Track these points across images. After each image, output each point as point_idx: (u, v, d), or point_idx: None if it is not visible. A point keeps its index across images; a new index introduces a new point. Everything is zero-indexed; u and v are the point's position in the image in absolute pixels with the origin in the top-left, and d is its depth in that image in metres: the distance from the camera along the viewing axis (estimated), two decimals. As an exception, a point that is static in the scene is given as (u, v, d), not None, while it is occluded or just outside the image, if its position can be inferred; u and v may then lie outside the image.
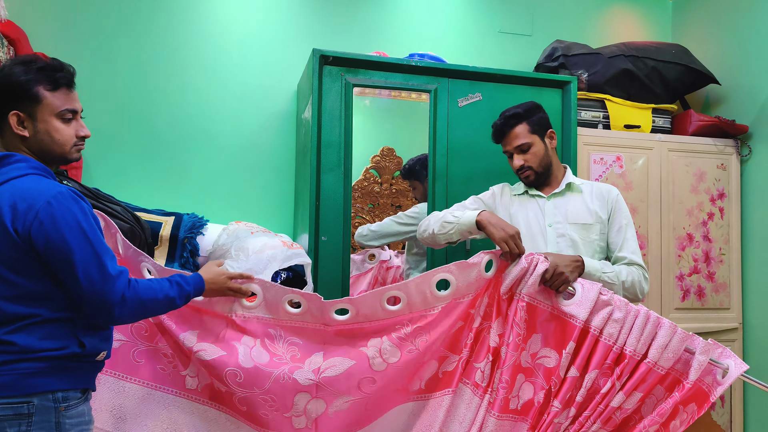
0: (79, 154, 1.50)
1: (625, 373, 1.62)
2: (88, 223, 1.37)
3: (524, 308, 1.74)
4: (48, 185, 1.36)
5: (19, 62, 1.42)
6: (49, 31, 2.71)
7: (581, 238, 2.06)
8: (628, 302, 1.69)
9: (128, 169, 2.79)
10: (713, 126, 3.16)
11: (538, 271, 1.75)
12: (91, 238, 1.35)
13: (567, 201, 2.13)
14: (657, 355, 1.61)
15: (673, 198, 3.12)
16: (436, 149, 2.66)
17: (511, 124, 2.12)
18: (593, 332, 1.67)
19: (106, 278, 1.35)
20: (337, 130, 2.53)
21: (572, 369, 1.68)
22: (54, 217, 1.32)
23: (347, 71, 2.56)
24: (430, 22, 3.30)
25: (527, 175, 2.14)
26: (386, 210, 3.08)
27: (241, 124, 2.96)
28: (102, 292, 1.34)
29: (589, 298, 1.69)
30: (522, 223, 2.14)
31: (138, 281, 1.42)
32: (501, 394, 1.71)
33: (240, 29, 3.00)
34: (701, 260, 3.14)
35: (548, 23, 3.46)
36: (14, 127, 1.40)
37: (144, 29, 2.87)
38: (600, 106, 3.11)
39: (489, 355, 1.78)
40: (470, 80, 2.71)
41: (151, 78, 2.87)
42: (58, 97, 1.43)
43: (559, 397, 1.67)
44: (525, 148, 2.11)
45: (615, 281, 1.93)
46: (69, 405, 1.37)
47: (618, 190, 2.17)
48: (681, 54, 3.22)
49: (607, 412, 1.63)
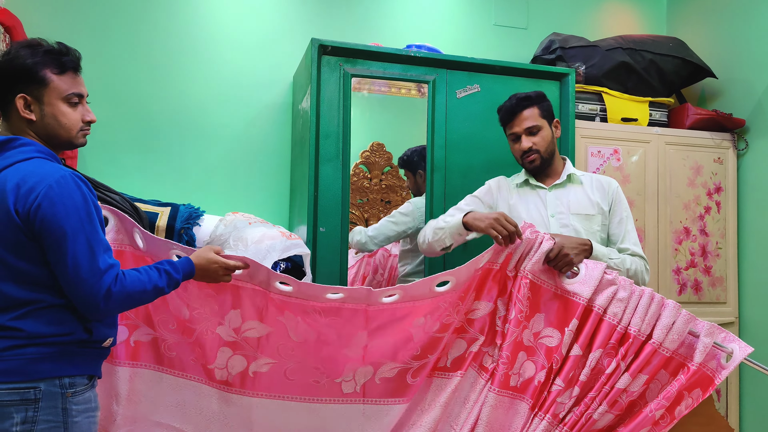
0: (85, 139, 1.48)
1: (630, 353, 1.62)
2: (87, 210, 1.34)
3: (527, 285, 1.75)
4: (52, 168, 1.35)
5: (26, 45, 1.41)
6: (44, 20, 2.68)
7: (584, 228, 2.06)
8: (633, 282, 1.69)
9: (123, 159, 2.77)
10: (710, 120, 3.17)
11: (542, 249, 1.76)
12: (87, 227, 1.33)
13: (568, 192, 2.13)
14: (662, 336, 1.61)
15: (670, 191, 3.12)
16: (434, 141, 2.65)
17: (523, 105, 2.11)
18: (597, 311, 1.67)
19: (94, 270, 1.32)
20: (336, 120, 2.51)
21: (575, 347, 1.68)
22: (53, 200, 1.30)
23: (346, 61, 2.54)
24: (426, 15, 3.29)
25: (533, 159, 2.12)
26: (376, 205, 3.06)
27: (236, 115, 2.94)
28: (88, 284, 1.31)
29: (593, 276, 1.69)
30: (523, 214, 2.13)
31: (126, 274, 1.39)
32: (501, 369, 1.73)
33: (235, 21, 2.98)
34: (698, 254, 3.15)
35: (544, 16, 3.46)
36: (21, 111, 1.38)
37: (139, 19, 2.84)
38: (597, 99, 3.11)
39: (497, 340, 1.80)
40: (469, 72, 2.70)
41: (147, 68, 2.84)
42: (65, 80, 1.41)
43: (561, 376, 1.67)
44: (535, 131, 2.10)
45: (620, 267, 1.94)
46: (76, 391, 1.36)
47: (617, 183, 2.18)
48: (678, 47, 3.23)
49: (613, 394, 1.62)
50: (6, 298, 1.32)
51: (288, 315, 1.76)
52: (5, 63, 1.39)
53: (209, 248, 1.62)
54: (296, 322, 1.76)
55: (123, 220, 1.70)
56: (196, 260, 1.58)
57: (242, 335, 1.73)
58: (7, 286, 1.32)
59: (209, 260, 1.59)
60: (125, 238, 1.70)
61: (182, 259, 1.56)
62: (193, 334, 1.73)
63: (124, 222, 1.70)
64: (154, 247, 1.70)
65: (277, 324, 1.75)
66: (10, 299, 1.32)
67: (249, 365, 1.74)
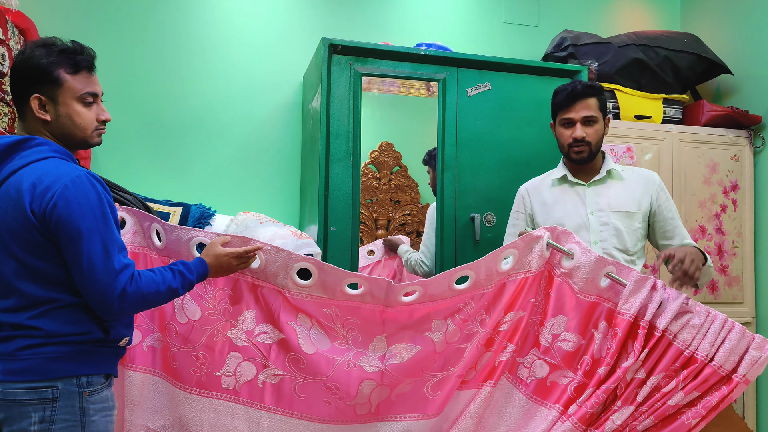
0: (100, 139, 1.47)
1: (691, 375, 1.60)
2: (102, 210, 1.34)
3: (643, 334, 1.64)
4: (68, 168, 1.34)
5: (40, 45, 1.40)
6: (58, 22, 2.71)
7: (625, 226, 2.00)
8: (709, 309, 1.65)
9: (135, 159, 2.79)
10: (726, 116, 3.12)
11: (672, 300, 1.65)
12: (102, 227, 1.33)
13: (608, 188, 2.06)
14: (723, 359, 1.59)
15: (685, 189, 3.08)
16: (445, 139, 2.64)
17: (588, 93, 2.01)
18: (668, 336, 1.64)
19: (108, 270, 1.31)
20: (346, 119, 2.51)
21: (640, 371, 1.64)
22: (69, 200, 1.30)
23: (356, 60, 2.54)
24: (436, 14, 3.28)
25: (581, 150, 2.02)
26: (384, 205, 3.05)
27: (247, 115, 2.95)
28: (102, 284, 1.31)
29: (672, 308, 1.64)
30: (561, 212, 2.06)
31: (141, 274, 1.38)
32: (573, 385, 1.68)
33: (246, 21, 2.99)
34: (714, 253, 3.10)
35: (555, 14, 3.44)
36: (36, 111, 1.38)
37: (151, 21, 2.87)
38: (610, 97, 3.07)
39: (536, 350, 1.76)
40: (479, 69, 2.69)
41: (158, 70, 2.86)
42: (79, 80, 1.41)
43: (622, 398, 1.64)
44: (591, 121, 2.02)
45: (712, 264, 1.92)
46: (93, 390, 1.36)
47: (659, 177, 2.11)
48: (693, 43, 3.19)
49: (664, 409, 1.62)
50: (24, 297, 1.32)
51: (302, 318, 1.68)
52: (20, 63, 1.39)
53: (215, 242, 1.60)
54: (310, 326, 1.68)
55: (140, 219, 1.68)
56: (207, 258, 1.57)
57: (254, 339, 1.67)
58: (25, 285, 1.32)
59: (217, 255, 1.57)
60: (143, 240, 1.68)
61: (195, 259, 1.55)
62: (202, 337, 1.66)
63: (141, 221, 1.68)
64: (174, 240, 1.65)
65: (290, 330, 1.67)
66: (29, 298, 1.32)
67: (258, 374, 1.67)
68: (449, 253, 2.58)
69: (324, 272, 1.67)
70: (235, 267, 1.61)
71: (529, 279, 1.77)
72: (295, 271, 1.67)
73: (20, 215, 1.31)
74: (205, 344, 1.66)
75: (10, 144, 1.35)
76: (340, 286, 1.68)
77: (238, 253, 1.60)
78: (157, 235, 1.68)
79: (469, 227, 2.62)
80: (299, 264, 1.67)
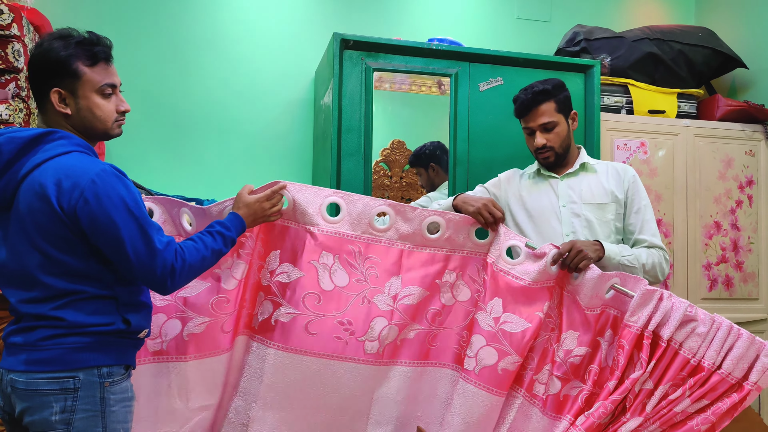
0: (120, 129, 1.48)
1: (698, 383, 1.59)
2: (132, 199, 1.35)
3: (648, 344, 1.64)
4: (91, 163, 1.34)
5: (57, 37, 1.39)
6: (71, 19, 2.73)
7: (597, 218, 2.00)
8: (714, 317, 1.63)
9: (148, 155, 2.81)
10: (741, 111, 3.09)
11: (675, 309, 1.65)
12: (137, 214, 1.34)
13: (581, 181, 2.06)
14: (731, 366, 1.58)
15: (700, 185, 3.05)
16: (457, 135, 2.63)
17: (539, 100, 2.01)
18: (673, 345, 1.63)
19: (154, 252, 1.34)
20: (357, 114, 2.51)
21: (648, 381, 1.63)
22: (98, 195, 1.30)
23: (367, 55, 2.54)
24: (447, 10, 3.27)
25: (547, 156, 2.05)
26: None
27: (259, 111, 2.96)
28: (151, 266, 1.34)
29: (676, 317, 1.63)
30: (535, 204, 2.07)
31: (184, 247, 1.41)
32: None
33: (257, 17, 3.00)
34: (729, 249, 3.07)
35: (567, 9, 3.42)
36: (56, 105, 1.38)
37: (164, 17, 2.89)
38: (623, 91, 3.05)
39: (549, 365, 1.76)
40: (491, 64, 2.68)
41: (171, 66, 2.88)
42: (97, 72, 1.40)
43: (631, 410, 1.63)
44: (550, 127, 2.02)
45: (635, 264, 1.88)
46: (113, 381, 1.36)
47: (634, 170, 2.09)
48: (708, 37, 3.15)
49: (670, 416, 1.62)
50: (48, 289, 1.32)
51: (325, 255, 1.71)
52: (38, 56, 1.38)
53: (241, 193, 1.64)
54: (332, 263, 1.71)
55: (168, 207, 1.71)
56: (239, 211, 1.60)
57: (275, 278, 1.71)
58: (49, 278, 1.32)
59: (248, 204, 1.61)
60: (173, 228, 1.71)
61: (229, 215, 1.58)
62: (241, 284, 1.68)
63: (169, 209, 1.71)
64: (204, 221, 1.69)
65: (310, 269, 1.70)
66: (52, 290, 1.32)
67: (273, 312, 1.70)
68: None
69: (353, 203, 1.73)
70: (268, 210, 1.65)
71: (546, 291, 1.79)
72: (325, 207, 1.73)
73: (48, 209, 1.30)
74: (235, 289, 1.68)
75: (33, 137, 1.35)
76: (369, 219, 1.74)
77: (267, 196, 1.64)
78: (188, 221, 1.72)
79: (481, 222, 2.61)
80: (329, 199, 1.73)
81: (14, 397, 1.32)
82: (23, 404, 1.30)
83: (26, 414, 1.30)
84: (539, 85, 2.04)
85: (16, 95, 2.14)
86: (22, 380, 1.30)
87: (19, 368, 1.31)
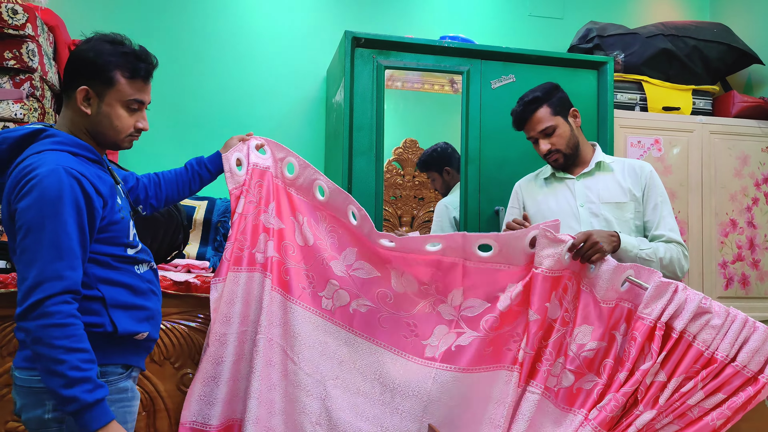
0: (131, 144, 1.44)
1: (711, 375, 1.58)
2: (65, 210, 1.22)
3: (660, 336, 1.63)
4: (50, 160, 1.26)
5: (108, 40, 1.38)
6: (86, 20, 2.75)
7: (615, 217, 1.98)
8: (728, 309, 1.61)
9: (161, 153, 2.82)
10: (757, 108, 3.05)
11: (690, 301, 1.63)
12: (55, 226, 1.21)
13: (598, 180, 2.05)
14: (746, 359, 1.56)
15: (715, 182, 3.01)
16: (469, 132, 2.62)
17: (531, 109, 2.03)
18: (686, 337, 1.62)
19: (37, 280, 1.19)
20: (369, 112, 2.51)
21: (661, 373, 1.62)
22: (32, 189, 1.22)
23: (379, 53, 2.54)
24: (460, 7, 3.26)
25: (556, 159, 2.05)
26: (409, 202, 3.04)
27: (271, 109, 2.97)
28: (27, 288, 1.19)
29: (690, 309, 1.62)
30: (552, 206, 2.07)
31: (73, 318, 1.20)
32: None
33: (269, 15, 3.01)
34: (745, 247, 3.03)
35: (580, 6, 3.39)
36: (79, 102, 1.35)
37: (177, 16, 2.90)
38: (637, 88, 3.03)
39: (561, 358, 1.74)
40: (503, 62, 2.66)
41: (184, 65, 2.90)
42: (132, 86, 1.38)
43: (644, 402, 1.62)
44: (550, 132, 2.02)
45: (653, 258, 1.87)
46: (108, 380, 1.31)
47: (651, 166, 2.07)
48: (723, 33, 3.12)
49: (682, 408, 1.60)
50: None
51: (395, 264, 1.83)
52: (81, 52, 1.36)
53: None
54: (401, 272, 1.82)
55: (274, 150, 1.85)
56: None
57: (351, 272, 1.82)
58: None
59: None
60: (276, 171, 1.84)
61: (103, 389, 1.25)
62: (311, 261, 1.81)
63: (275, 152, 1.85)
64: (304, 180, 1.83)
65: (384, 271, 1.82)
66: None
67: (351, 302, 1.81)
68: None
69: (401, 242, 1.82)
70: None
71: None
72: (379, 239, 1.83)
73: (6, 208, 1.28)
74: (313, 266, 1.82)
75: (23, 136, 1.33)
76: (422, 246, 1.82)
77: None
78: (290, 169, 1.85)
79: (493, 220, 2.60)
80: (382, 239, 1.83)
81: (15, 393, 1.31)
82: (21, 401, 1.29)
83: (23, 411, 1.29)
84: (529, 94, 2.06)
85: (30, 95, 2.16)
86: (20, 377, 1.29)
87: (19, 365, 1.30)
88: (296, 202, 1.84)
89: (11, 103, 2.12)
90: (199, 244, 2.37)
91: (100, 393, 1.21)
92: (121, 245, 1.38)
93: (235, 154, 1.81)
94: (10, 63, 2.10)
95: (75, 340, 1.20)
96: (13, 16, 2.09)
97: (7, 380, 1.68)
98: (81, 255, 1.26)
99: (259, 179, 1.81)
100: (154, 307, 1.45)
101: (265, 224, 1.79)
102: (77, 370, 1.18)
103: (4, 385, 1.68)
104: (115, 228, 1.37)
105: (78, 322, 1.21)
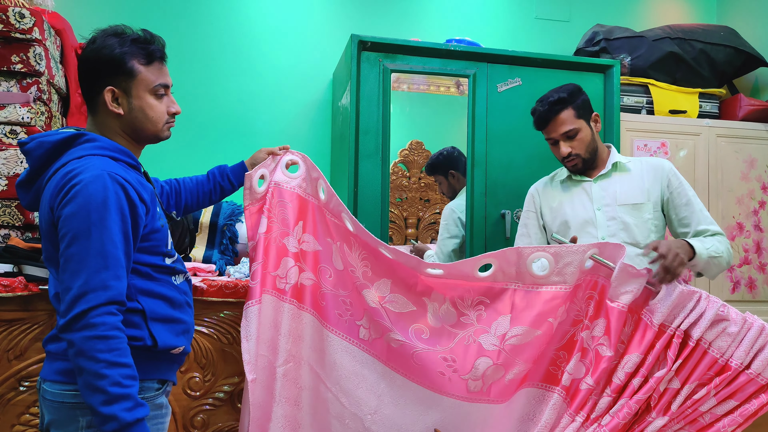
0: (170, 132, 1.40)
1: (723, 382, 1.57)
2: (110, 217, 1.17)
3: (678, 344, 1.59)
4: (93, 165, 1.20)
5: (111, 34, 1.34)
6: (92, 23, 2.75)
7: (633, 219, 1.95)
8: (746, 316, 1.59)
9: (167, 156, 2.82)
10: (764, 111, 3.04)
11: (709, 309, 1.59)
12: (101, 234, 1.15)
13: (614, 182, 2.02)
14: (761, 367, 1.55)
15: (722, 185, 3.00)
16: (475, 135, 2.61)
17: (556, 110, 1.96)
18: (703, 345, 1.59)
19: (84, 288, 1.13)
20: (375, 116, 2.51)
21: (675, 380, 1.60)
22: (76, 195, 1.16)
23: (385, 57, 2.54)
24: (466, 10, 3.26)
25: (575, 163, 2.01)
26: (414, 204, 3.04)
27: (277, 112, 2.98)
28: (71, 298, 1.14)
29: (708, 317, 1.60)
30: (568, 210, 2.04)
31: (117, 330, 1.15)
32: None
33: (276, 19, 3.02)
34: (752, 250, 3.02)
35: (586, 9, 3.39)
36: (109, 104, 1.29)
37: (183, 20, 2.91)
38: (643, 91, 3.02)
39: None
40: (509, 65, 2.66)
41: (190, 68, 2.90)
42: (152, 71, 1.34)
43: (656, 408, 1.60)
44: (572, 135, 1.97)
45: (720, 254, 1.82)
46: (145, 396, 1.26)
47: (671, 164, 2.03)
48: (730, 36, 3.11)
49: (694, 415, 1.59)
50: None
51: (435, 295, 1.73)
52: (92, 53, 1.31)
53: None
54: (442, 302, 1.73)
55: (309, 168, 1.77)
56: None
57: (384, 304, 1.72)
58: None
59: None
60: (309, 187, 1.77)
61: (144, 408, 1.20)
62: (347, 287, 1.73)
63: (310, 171, 1.77)
64: (335, 200, 1.75)
65: (421, 304, 1.73)
66: None
67: (384, 335, 1.72)
68: (479, 251, 2.56)
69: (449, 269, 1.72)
70: None
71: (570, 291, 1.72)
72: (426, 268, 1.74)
73: (48, 215, 1.21)
74: (351, 293, 1.74)
75: (62, 141, 1.27)
76: (473, 272, 1.72)
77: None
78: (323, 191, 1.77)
79: (499, 224, 2.59)
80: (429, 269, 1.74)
81: (43, 407, 1.25)
82: (50, 416, 1.23)
83: (52, 426, 1.23)
84: (554, 94, 1.99)
85: (37, 98, 2.16)
86: (51, 391, 1.23)
87: (50, 378, 1.23)
88: (331, 225, 1.76)
89: (18, 107, 2.12)
90: (205, 247, 2.37)
91: (140, 412, 1.15)
92: (160, 254, 1.32)
93: (261, 170, 1.75)
94: (18, 67, 2.10)
95: (118, 354, 1.14)
96: (20, 20, 2.09)
97: (12, 384, 1.67)
98: (126, 264, 1.20)
99: (280, 199, 1.73)
100: (189, 320, 1.40)
101: (288, 247, 1.71)
102: (119, 386, 1.12)
103: (10, 389, 1.68)
104: (156, 236, 1.31)
105: (122, 335, 1.16)
